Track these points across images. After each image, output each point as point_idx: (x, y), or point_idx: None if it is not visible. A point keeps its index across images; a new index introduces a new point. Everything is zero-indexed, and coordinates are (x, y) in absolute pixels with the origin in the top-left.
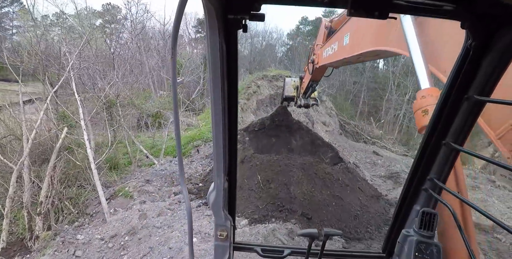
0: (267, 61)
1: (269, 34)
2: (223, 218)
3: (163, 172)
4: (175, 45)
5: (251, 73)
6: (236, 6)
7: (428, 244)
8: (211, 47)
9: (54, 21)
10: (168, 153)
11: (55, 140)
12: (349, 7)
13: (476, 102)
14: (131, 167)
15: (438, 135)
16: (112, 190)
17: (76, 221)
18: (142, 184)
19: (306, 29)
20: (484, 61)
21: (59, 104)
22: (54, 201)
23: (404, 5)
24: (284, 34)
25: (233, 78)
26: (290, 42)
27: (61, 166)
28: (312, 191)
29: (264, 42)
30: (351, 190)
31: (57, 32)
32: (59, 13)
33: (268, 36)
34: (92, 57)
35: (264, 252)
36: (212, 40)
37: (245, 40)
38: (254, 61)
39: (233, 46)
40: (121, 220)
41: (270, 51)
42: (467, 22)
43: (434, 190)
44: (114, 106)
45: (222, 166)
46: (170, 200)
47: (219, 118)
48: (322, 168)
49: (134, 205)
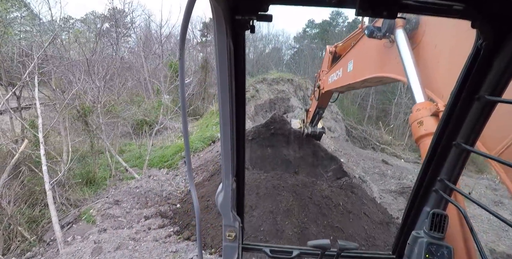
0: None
1: (275, 37)
2: (231, 218)
3: (138, 190)
4: (183, 46)
5: (253, 76)
6: (244, 7)
7: (439, 245)
8: (219, 48)
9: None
10: (153, 164)
11: (9, 154)
12: (357, 7)
13: (487, 102)
14: (109, 181)
15: (448, 135)
16: (77, 212)
17: (30, 250)
18: (108, 206)
19: (313, 32)
20: (495, 61)
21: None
22: (0, 228)
23: (413, 5)
24: (291, 37)
25: (240, 79)
26: (296, 45)
27: (22, 182)
28: (305, 222)
29: (270, 45)
30: (355, 217)
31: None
32: (67, 18)
33: (275, 39)
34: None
35: (273, 253)
36: (220, 41)
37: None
38: (257, 64)
39: (241, 47)
40: (73, 254)
41: (276, 54)
42: (477, 22)
43: (445, 191)
44: (90, 114)
45: (230, 167)
46: (138, 226)
47: (227, 119)
48: (318, 190)
49: (92, 234)
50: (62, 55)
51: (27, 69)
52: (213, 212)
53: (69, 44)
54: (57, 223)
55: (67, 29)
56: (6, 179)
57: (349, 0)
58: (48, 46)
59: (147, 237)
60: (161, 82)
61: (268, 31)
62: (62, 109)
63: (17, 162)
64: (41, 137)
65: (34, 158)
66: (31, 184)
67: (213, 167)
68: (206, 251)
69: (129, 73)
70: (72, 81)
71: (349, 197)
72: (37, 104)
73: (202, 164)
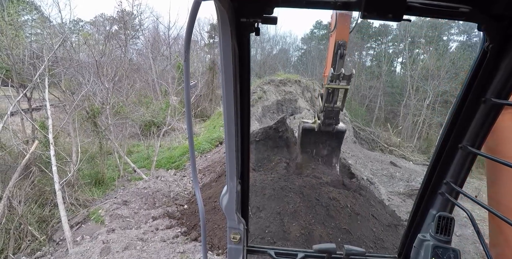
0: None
1: (282, 39)
2: (236, 221)
3: (146, 191)
4: (188, 48)
5: (260, 77)
6: (249, 9)
7: (446, 249)
8: (224, 51)
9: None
10: (161, 165)
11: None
12: (362, 10)
13: (494, 105)
14: (118, 182)
15: (454, 138)
16: (86, 212)
17: (39, 250)
18: (117, 206)
19: (320, 33)
20: (502, 63)
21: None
22: (11, 227)
23: (418, 7)
24: (298, 38)
25: (245, 81)
26: (304, 46)
27: (33, 183)
28: (312, 224)
29: (278, 46)
30: (363, 219)
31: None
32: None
33: (282, 41)
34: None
35: (278, 256)
36: (224, 43)
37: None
38: (264, 65)
39: (246, 50)
40: (81, 253)
41: (284, 56)
42: (484, 24)
43: (451, 194)
44: (99, 116)
45: (235, 169)
46: (146, 226)
47: (232, 121)
48: (326, 192)
49: (100, 234)
50: (72, 57)
51: (37, 71)
52: (220, 213)
53: (78, 46)
54: (67, 223)
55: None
56: (17, 179)
57: (354, 3)
58: (58, 48)
59: (154, 237)
60: (169, 84)
61: (276, 32)
62: (71, 111)
63: (27, 163)
64: (51, 138)
65: (44, 159)
66: (41, 184)
67: (220, 168)
68: (213, 252)
69: (137, 74)
70: (81, 83)
71: (357, 199)
72: (47, 105)
73: (210, 165)
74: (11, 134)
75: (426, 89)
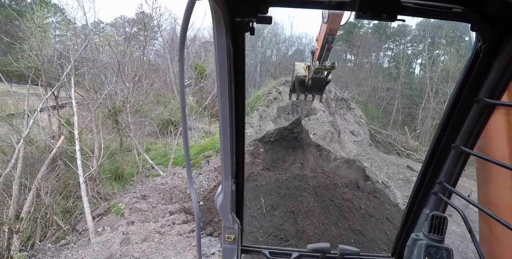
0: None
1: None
2: (230, 220)
3: (163, 187)
4: (183, 48)
5: (276, 78)
6: (243, 9)
7: (438, 248)
8: (219, 50)
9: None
10: (178, 163)
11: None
12: (357, 9)
13: (487, 105)
14: (136, 177)
15: (447, 138)
16: (107, 205)
17: (63, 238)
18: (136, 200)
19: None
20: (494, 63)
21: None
22: (38, 216)
23: (412, 8)
24: (314, 39)
25: (240, 81)
26: None
27: (58, 176)
28: (326, 224)
29: (293, 47)
30: (376, 221)
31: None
32: (98, 22)
33: (298, 41)
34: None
35: (272, 255)
36: (219, 43)
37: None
38: (280, 66)
39: (241, 49)
40: (103, 243)
41: (299, 57)
42: (477, 25)
43: (444, 194)
44: (120, 114)
45: (230, 169)
46: (163, 220)
47: (226, 121)
48: (340, 192)
49: (121, 226)
50: (95, 57)
51: (64, 71)
52: None
53: (101, 47)
54: (89, 214)
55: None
56: (45, 171)
57: (349, 3)
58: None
59: (171, 231)
60: None
61: (291, 33)
62: (95, 109)
63: (54, 157)
64: (76, 133)
65: (68, 154)
66: (65, 178)
67: None
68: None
69: (155, 74)
70: (104, 82)
71: (371, 201)
72: (73, 103)
73: None
74: (40, 130)
75: (446, 92)
